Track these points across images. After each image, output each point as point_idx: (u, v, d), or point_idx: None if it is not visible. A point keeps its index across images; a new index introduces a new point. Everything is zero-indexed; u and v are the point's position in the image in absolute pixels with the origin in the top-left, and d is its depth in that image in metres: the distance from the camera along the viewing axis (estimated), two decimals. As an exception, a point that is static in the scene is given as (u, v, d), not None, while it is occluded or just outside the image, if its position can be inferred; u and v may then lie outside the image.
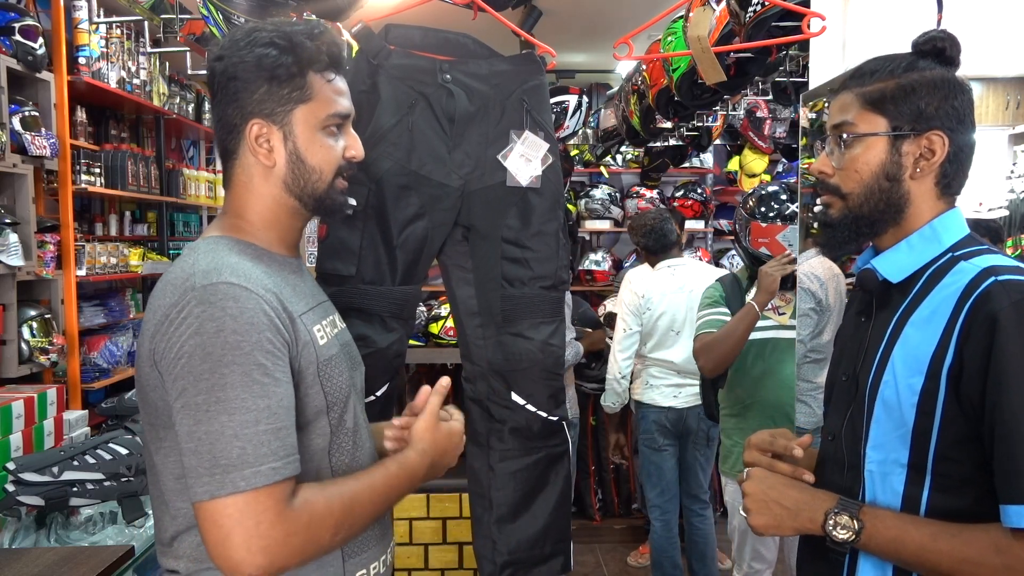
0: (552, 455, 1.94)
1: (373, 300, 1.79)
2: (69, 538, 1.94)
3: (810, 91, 2.44)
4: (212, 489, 0.98)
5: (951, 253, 1.14)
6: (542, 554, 1.94)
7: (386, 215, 1.77)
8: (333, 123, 1.19)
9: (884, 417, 1.12)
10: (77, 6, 3.44)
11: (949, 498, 1.07)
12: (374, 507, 1.13)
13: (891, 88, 1.15)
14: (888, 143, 1.15)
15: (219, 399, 0.99)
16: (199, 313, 1.02)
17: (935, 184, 1.16)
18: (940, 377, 1.06)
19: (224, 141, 1.18)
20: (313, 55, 1.15)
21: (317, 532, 1.04)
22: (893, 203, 1.16)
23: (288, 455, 1.03)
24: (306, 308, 1.17)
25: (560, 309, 1.93)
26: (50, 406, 2.28)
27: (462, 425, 1.31)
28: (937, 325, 1.07)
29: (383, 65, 1.76)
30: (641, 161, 5.81)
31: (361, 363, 1.32)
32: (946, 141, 1.13)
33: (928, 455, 1.08)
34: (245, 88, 1.14)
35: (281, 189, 1.18)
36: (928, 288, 1.12)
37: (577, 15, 4.57)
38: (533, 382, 1.88)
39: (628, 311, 3.48)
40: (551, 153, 1.85)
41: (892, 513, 1.10)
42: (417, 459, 1.20)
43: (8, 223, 2.88)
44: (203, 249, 1.12)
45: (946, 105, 1.13)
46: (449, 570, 3.45)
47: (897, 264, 1.16)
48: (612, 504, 4.50)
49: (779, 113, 4.70)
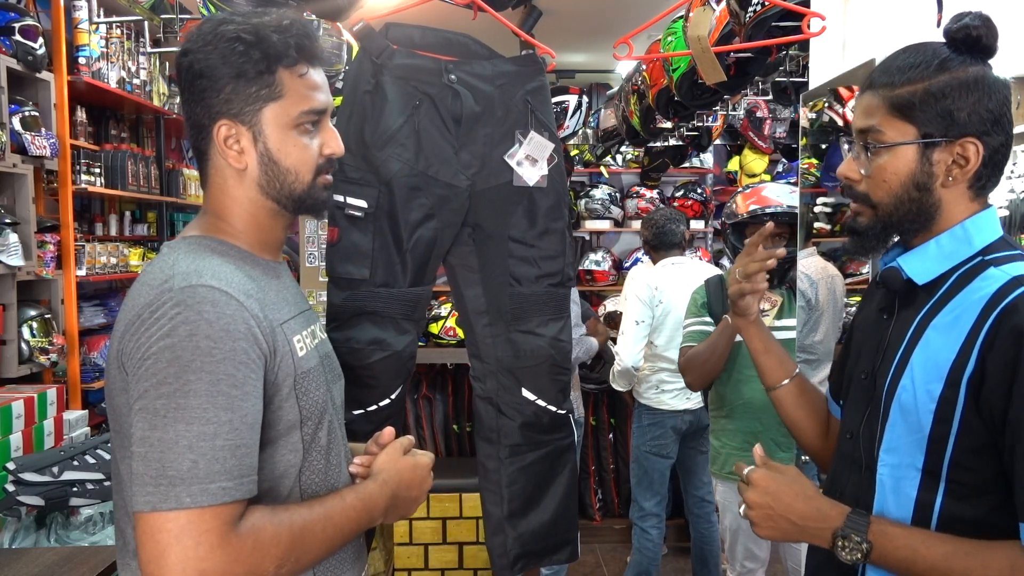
0: (560, 447, 1.98)
1: (386, 302, 1.79)
2: (69, 538, 1.94)
3: (810, 91, 2.44)
4: (155, 501, 0.91)
5: (981, 257, 1.09)
6: (553, 544, 1.99)
7: (396, 217, 1.77)
8: (307, 120, 1.11)
9: (900, 421, 1.10)
10: (77, 6, 3.44)
11: (963, 506, 1.05)
12: (327, 540, 1.04)
13: (920, 93, 1.08)
14: (918, 152, 1.10)
15: (179, 406, 0.93)
16: (174, 315, 0.96)
17: (968, 188, 1.11)
18: (960, 385, 1.02)
19: (195, 141, 1.12)
20: (281, 50, 1.08)
21: (260, 562, 0.96)
22: (924, 211, 1.11)
23: (243, 475, 0.96)
24: (288, 316, 1.11)
25: (566, 305, 1.95)
26: (50, 406, 2.28)
27: (430, 460, 1.24)
28: (960, 331, 1.04)
29: (386, 65, 1.76)
30: (641, 161, 5.81)
31: (341, 376, 1.27)
32: (980, 148, 1.08)
33: (943, 462, 1.05)
34: (211, 86, 1.07)
35: (256, 192, 1.12)
36: (954, 292, 1.08)
37: (577, 15, 4.57)
38: (543, 377, 1.91)
39: (640, 302, 3.40)
40: (555, 153, 1.87)
41: (903, 530, 1.06)
42: (376, 490, 1.13)
43: (8, 223, 2.88)
44: (184, 249, 1.07)
45: (980, 108, 1.07)
46: (449, 570, 3.45)
47: (924, 265, 1.12)
48: (612, 504, 4.50)
49: (779, 113, 4.71)
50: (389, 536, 3.44)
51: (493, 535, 1.99)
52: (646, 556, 3.46)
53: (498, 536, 1.97)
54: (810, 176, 2.96)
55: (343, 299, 1.77)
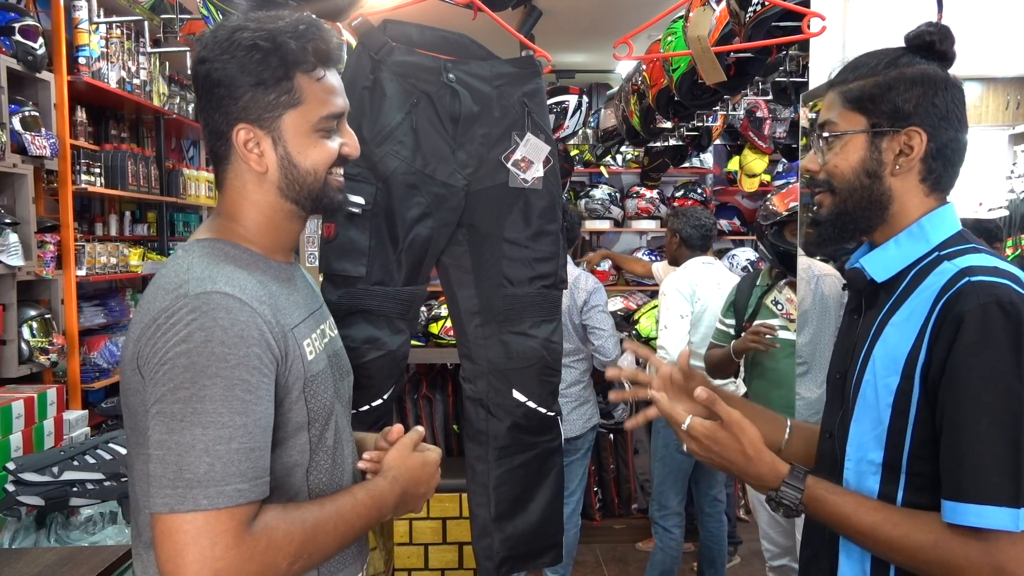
0: (548, 449, 1.97)
1: (381, 301, 1.79)
2: (69, 538, 1.94)
3: (810, 91, 2.44)
4: (172, 503, 0.94)
5: (937, 252, 1.14)
6: (539, 547, 1.99)
7: (394, 214, 1.77)
8: (326, 126, 1.13)
9: (863, 416, 1.13)
10: (77, 6, 3.44)
11: (923, 497, 1.07)
12: (338, 536, 1.07)
13: (869, 86, 1.15)
14: (867, 140, 1.15)
15: (196, 410, 0.96)
16: (189, 321, 0.98)
17: (920, 181, 1.16)
18: (915, 377, 1.07)
19: (213, 146, 1.14)
20: (299, 56, 1.09)
21: (274, 559, 0.99)
22: (875, 200, 1.16)
23: (257, 477, 0.99)
24: (299, 320, 1.13)
25: (559, 307, 1.95)
26: (50, 406, 2.28)
27: (439, 456, 1.25)
28: (914, 325, 1.08)
29: (385, 61, 1.76)
30: (641, 161, 5.81)
31: (350, 371, 1.29)
32: (924, 137, 1.13)
33: (903, 455, 1.09)
34: (230, 95, 1.08)
35: (276, 195, 1.13)
36: (911, 288, 1.12)
37: (577, 15, 4.57)
38: (534, 379, 1.91)
39: (682, 297, 3.39)
40: (551, 155, 1.87)
41: (836, 497, 1.11)
42: (387, 487, 1.15)
43: (8, 223, 2.88)
44: (198, 253, 1.08)
45: (925, 102, 1.13)
46: (449, 570, 3.45)
47: (884, 263, 1.17)
48: (612, 504, 4.50)
49: (779, 113, 4.70)
50: (389, 536, 3.44)
51: (480, 537, 1.98)
52: (669, 555, 3.44)
53: (485, 539, 1.96)
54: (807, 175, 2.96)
55: (338, 296, 1.77)
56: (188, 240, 1.16)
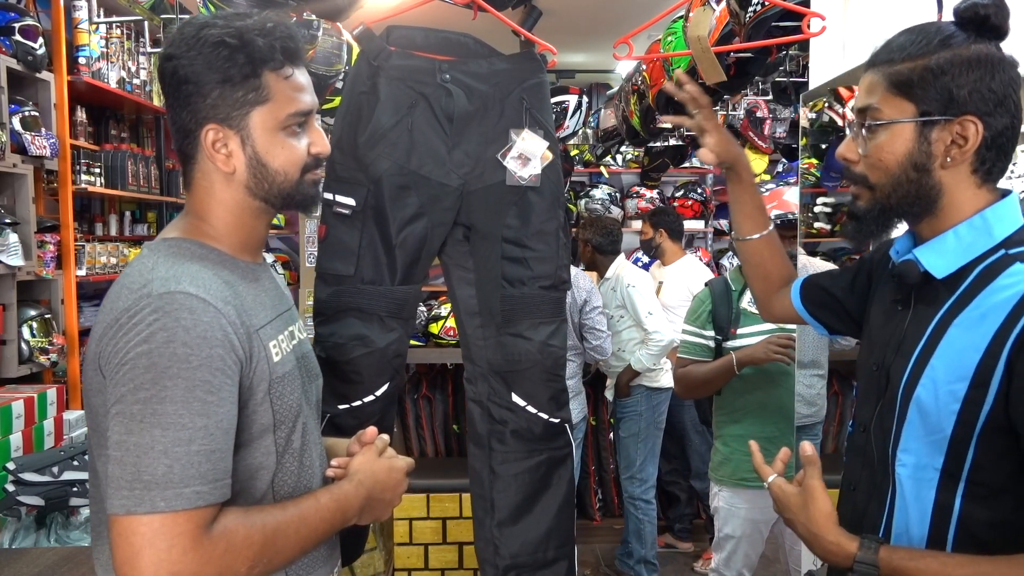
0: (554, 458, 1.92)
1: (372, 300, 1.79)
2: (69, 538, 1.94)
3: (810, 91, 2.44)
4: (129, 504, 0.93)
5: (1004, 250, 1.04)
6: (545, 558, 1.92)
7: (385, 215, 1.77)
8: (294, 122, 1.12)
9: (918, 421, 1.06)
10: (77, 6, 3.43)
11: (982, 507, 1.02)
12: (300, 540, 1.06)
13: (919, 69, 1.04)
14: (915, 130, 1.05)
15: (155, 411, 0.94)
16: (152, 321, 0.97)
17: (971, 172, 1.06)
18: (988, 387, 0.98)
19: (181, 144, 1.13)
20: (267, 53, 1.08)
21: (232, 563, 0.97)
22: (924, 195, 1.07)
23: (217, 480, 0.97)
24: (265, 320, 1.12)
25: (561, 309, 1.90)
26: (50, 406, 2.29)
27: (407, 464, 1.25)
28: (987, 331, 1.00)
29: (383, 66, 1.77)
30: (641, 161, 5.81)
31: (319, 375, 1.28)
32: (980, 127, 1.03)
33: (964, 464, 1.02)
34: (197, 92, 1.08)
35: (244, 194, 1.13)
36: (978, 288, 1.03)
37: (577, 15, 4.57)
38: (533, 383, 1.87)
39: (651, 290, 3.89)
40: (551, 151, 1.84)
41: (914, 562, 1.01)
42: (352, 491, 1.14)
43: (8, 223, 2.88)
44: (164, 252, 1.07)
45: (982, 87, 1.02)
46: (449, 570, 3.45)
47: (943, 258, 1.07)
48: (612, 504, 4.50)
49: (779, 113, 4.70)
50: (389, 536, 3.44)
51: (482, 542, 1.95)
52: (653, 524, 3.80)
53: (488, 544, 1.93)
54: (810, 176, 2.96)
55: (328, 295, 1.79)
56: (155, 239, 1.15)
